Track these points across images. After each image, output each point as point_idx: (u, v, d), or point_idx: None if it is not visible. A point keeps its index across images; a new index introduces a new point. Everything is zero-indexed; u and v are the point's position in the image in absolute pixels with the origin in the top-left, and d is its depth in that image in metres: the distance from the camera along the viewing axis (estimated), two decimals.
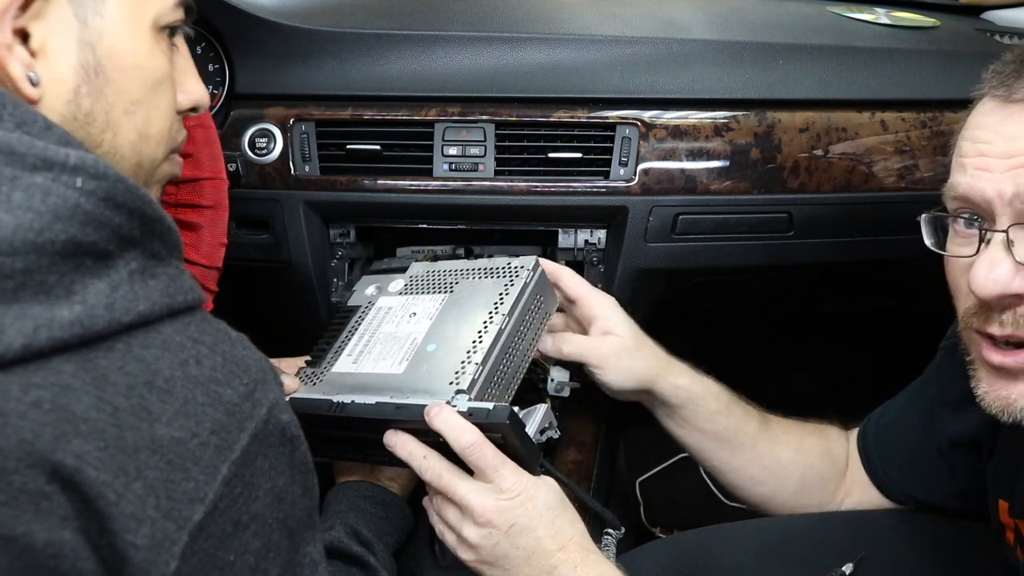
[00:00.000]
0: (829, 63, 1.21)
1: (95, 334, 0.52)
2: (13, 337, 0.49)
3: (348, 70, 1.18)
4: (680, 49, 1.20)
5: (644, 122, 1.15)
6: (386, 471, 0.94)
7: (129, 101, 0.65)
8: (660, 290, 1.21)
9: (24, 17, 0.59)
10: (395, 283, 1.03)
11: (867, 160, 1.17)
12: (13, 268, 0.50)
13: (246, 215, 1.15)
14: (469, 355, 0.85)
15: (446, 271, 0.99)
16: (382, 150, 1.15)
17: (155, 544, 0.52)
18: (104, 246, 0.54)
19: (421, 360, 0.88)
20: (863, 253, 1.22)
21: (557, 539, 0.79)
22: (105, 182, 0.54)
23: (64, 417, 0.50)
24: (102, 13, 0.62)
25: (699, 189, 1.15)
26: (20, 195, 0.51)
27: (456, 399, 0.81)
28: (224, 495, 0.55)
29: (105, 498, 0.51)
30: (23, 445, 0.49)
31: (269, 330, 1.04)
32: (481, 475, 0.79)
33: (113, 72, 0.63)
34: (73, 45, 0.61)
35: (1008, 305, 0.69)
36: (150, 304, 0.55)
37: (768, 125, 1.17)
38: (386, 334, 0.95)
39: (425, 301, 0.96)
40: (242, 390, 0.58)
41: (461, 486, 0.79)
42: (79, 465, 0.50)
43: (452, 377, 0.83)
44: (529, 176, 1.15)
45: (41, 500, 0.49)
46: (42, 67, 0.60)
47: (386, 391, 0.86)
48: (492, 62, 1.19)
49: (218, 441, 0.55)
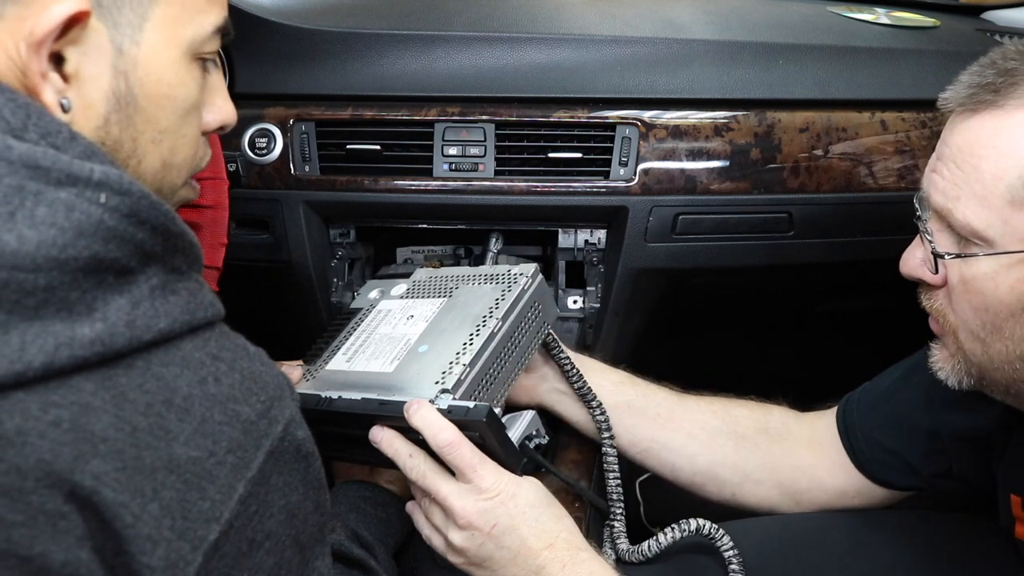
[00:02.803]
0: (829, 63, 1.21)
1: (115, 352, 0.52)
2: (34, 355, 0.49)
3: (348, 70, 1.18)
4: (680, 49, 1.20)
5: (644, 122, 1.15)
6: (385, 473, 0.94)
7: (157, 130, 0.64)
8: (660, 290, 1.21)
9: (61, 41, 0.58)
10: (398, 287, 1.04)
11: (867, 160, 1.17)
12: (36, 285, 0.50)
13: (246, 215, 1.15)
14: (458, 356, 0.85)
15: (448, 277, 1.00)
16: (382, 150, 1.15)
17: (170, 565, 0.52)
18: (126, 262, 0.54)
19: (412, 360, 0.88)
20: (863, 253, 1.22)
21: (543, 537, 0.78)
22: (129, 198, 0.54)
23: (83, 437, 0.50)
24: (138, 41, 0.61)
25: (699, 189, 1.15)
26: (44, 210, 0.51)
27: (440, 398, 0.81)
28: (239, 514, 0.55)
29: (122, 519, 0.51)
30: (42, 465, 0.49)
31: (269, 330, 1.04)
32: (460, 475, 0.78)
33: (144, 101, 0.62)
34: (107, 72, 0.60)
35: (924, 287, 0.80)
36: (170, 321, 0.55)
37: (768, 125, 1.17)
38: (382, 335, 0.95)
39: (424, 305, 0.97)
40: (259, 407, 0.58)
41: (443, 487, 0.79)
42: (97, 486, 0.50)
43: (439, 376, 0.84)
44: (529, 176, 1.15)
45: (59, 520, 0.49)
46: (74, 93, 0.59)
47: (374, 388, 0.87)
48: (492, 62, 1.19)
49: (235, 460, 0.55)
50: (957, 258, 0.74)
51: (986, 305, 0.73)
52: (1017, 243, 0.70)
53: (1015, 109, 0.71)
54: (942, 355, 0.81)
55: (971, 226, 0.72)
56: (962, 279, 0.74)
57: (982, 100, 0.73)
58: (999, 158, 0.71)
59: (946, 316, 0.78)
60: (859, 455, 0.99)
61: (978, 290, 0.73)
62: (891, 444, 0.98)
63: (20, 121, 0.54)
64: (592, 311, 1.20)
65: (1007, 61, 0.73)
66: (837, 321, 1.54)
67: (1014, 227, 0.70)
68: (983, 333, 0.74)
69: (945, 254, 0.75)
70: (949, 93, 0.76)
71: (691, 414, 1.01)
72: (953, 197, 0.73)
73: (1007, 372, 0.75)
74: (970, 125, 0.73)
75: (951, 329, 0.78)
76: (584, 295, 1.21)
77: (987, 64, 0.74)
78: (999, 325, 0.73)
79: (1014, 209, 0.70)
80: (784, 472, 1.01)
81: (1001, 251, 0.71)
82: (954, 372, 0.80)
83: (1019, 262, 0.70)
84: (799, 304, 1.46)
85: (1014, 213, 0.70)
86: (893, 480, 0.98)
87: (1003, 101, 0.71)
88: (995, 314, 0.73)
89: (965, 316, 0.75)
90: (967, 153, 0.73)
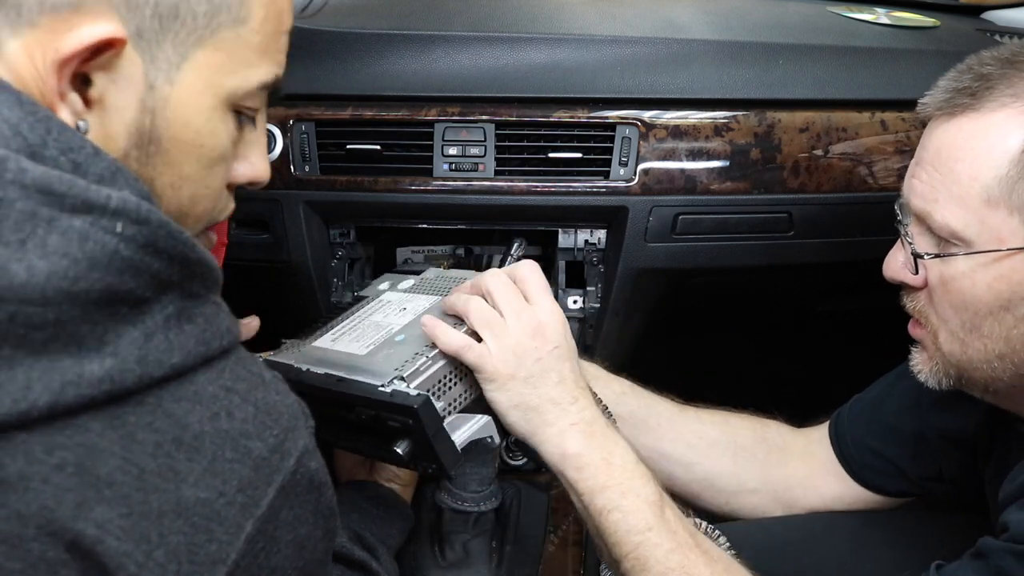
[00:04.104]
0: (829, 63, 1.21)
1: (125, 390, 0.50)
2: (39, 394, 0.47)
3: (348, 70, 1.18)
4: (680, 49, 1.20)
5: (644, 122, 1.15)
6: (384, 471, 0.95)
7: (178, 176, 0.60)
8: (660, 290, 1.21)
9: (90, 64, 0.55)
10: (406, 282, 1.06)
11: (867, 160, 1.17)
12: (44, 319, 0.47)
13: (246, 215, 1.15)
14: (425, 349, 0.87)
15: (451, 278, 1.02)
16: (382, 150, 1.15)
17: None
18: (141, 292, 0.51)
19: (386, 347, 0.90)
20: (863, 253, 1.22)
21: (579, 383, 0.85)
22: (147, 227, 0.51)
23: (88, 481, 0.48)
24: (173, 80, 0.57)
25: (699, 189, 1.15)
26: (56, 239, 0.48)
27: (393, 383, 0.82)
28: (246, 553, 0.53)
29: (126, 569, 0.48)
30: (44, 512, 0.47)
31: (269, 330, 1.04)
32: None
33: (168, 143, 0.59)
34: (134, 105, 0.57)
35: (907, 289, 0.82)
36: (184, 354, 0.52)
37: (768, 125, 1.17)
38: (372, 322, 0.97)
39: (419, 300, 0.99)
40: (271, 442, 0.55)
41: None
42: (100, 535, 0.48)
43: (400, 364, 0.85)
44: (529, 176, 1.15)
45: (59, 569, 0.47)
46: (95, 120, 0.56)
47: (341, 367, 0.88)
48: (492, 62, 1.19)
49: (244, 499, 0.53)
50: (936, 258, 0.76)
51: (965, 304, 0.75)
52: (994, 242, 0.72)
53: (991, 112, 0.72)
54: (922, 358, 0.82)
55: (949, 227, 0.74)
56: (942, 279, 0.76)
57: (959, 104, 0.74)
58: (975, 159, 0.72)
59: (928, 317, 0.80)
60: (851, 462, 1.01)
61: (957, 289, 0.75)
62: (880, 448, 0.99)
63: (39, 137, 0.52)
64: (592, 311, 1.20)
65: (983, 66, 0.74)
66: (837, 321, 1.54)
67: (990, 226, 0.72)
68: (962, 332, 0.76)
69: (925, 254, 0.77)
70: (927, 99, 0.78)
71: (690, 425, 1.02)
72: (931, 200, 0.75)
73: (985, 371, 0.77)
74: (947, 128, 0.75)
75: (932, 330, 0.79)
76: (584, 295, 1.21)
77: (964, 70, 0.76)
78: (978, 324, 0.75)
79: (990, 208, 0.72)
80: (779, 481, 1.02)
81: (978, 250, 0.73)
82: (933, 374, 0.81)
83: (996, 260, 0.72)
84: (799, 304, 1.46)
85: (990, 212, 0.72)
86: (884, 485, 0.99)
87: (979, 104, 0.73)
88: (974, 313, 0.75)
89: (946, 316, 0.77)
90: (945, 156, 0.75)
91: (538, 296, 0.85)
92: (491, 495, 1.00)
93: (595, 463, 0.81)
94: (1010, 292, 0.72)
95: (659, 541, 0.78)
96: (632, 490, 0.80)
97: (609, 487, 0.80)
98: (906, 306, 0.82)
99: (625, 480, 0.80)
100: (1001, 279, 0.72)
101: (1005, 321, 0.73)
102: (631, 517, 0.79)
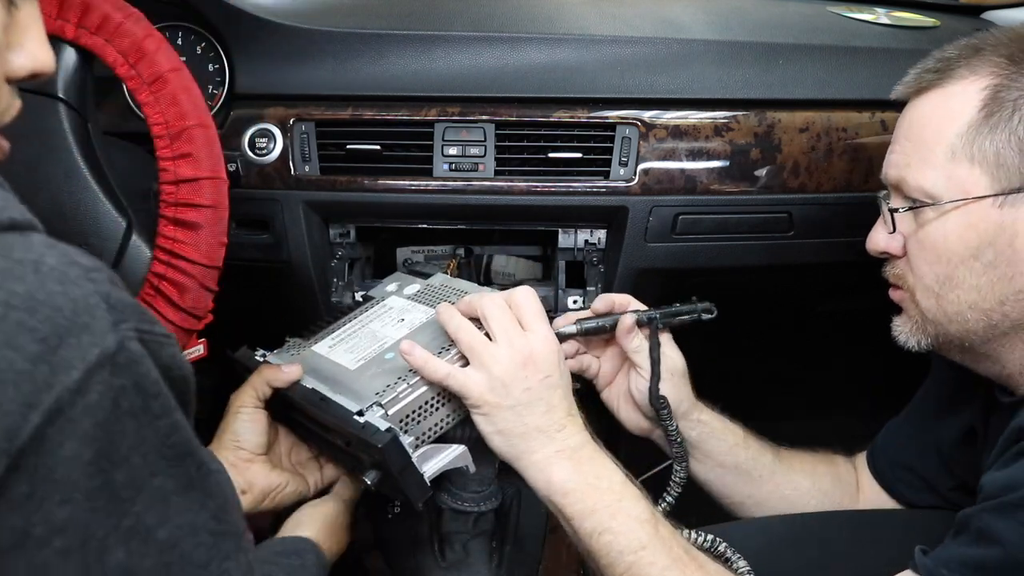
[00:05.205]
0: (829, 63, 1.21)
1: None
2: None
3: (348, 70, 1.18)
4: (680, 49, 1.20)
5: (644, 122, 1.15)
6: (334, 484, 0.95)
7: None
8: (660, 290, 1.21)
9: None
10: (412, 287, 1.05)
11: (867, 160, 1.17)
12: None
13: (246, 215, 1.15)
14: (409, 374, 0.86)
15: (455, 290, 1.01)
16: (382, 150, 1.15)
17: None
18: None
19: (374, 364, 0.90)
20: (863, 253, 1.22)
21: (570, 411, 0.86)
22: None
23: None
24: None
25: (699, 189, 1.15)
26: None
27: (371, 409, 0.82)
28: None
29: None
30: None
31: (269, 330, 1.04)
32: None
33: None
34: None
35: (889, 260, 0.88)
36: None
37: (768, 125, 1.17)
38: (370, 330, 0.97)
39: (418, 311, 0.98)
40: (33, 350, 0.43)
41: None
42: None
43: (382, 388, 0.85)
44: (529, 176, 1.15)
45: None
46: None
47: (329, 382, 0.89)
48: (492, 62, 1.19)
49: None
50: (910, 211, 0.82)
51: (939, 256, 0.81)
52: (960, 193, 0.79)
53: (954, 83, 0.81)
54: (901, 320, 0.88)
55: (921, 187, 0.81)
56: (916, 238, 0.83)
57: (925, 81, 0.83)
58: (940, 123, 0.80)
59: (905, 279, 0.85)
60: (882, 475, 1.04)
61: (931, 243, 0.81)
62: (907, 461, 1.02)
63: None
64: None
65: (945, 52, 0.83)
66: (837, 321, 1.54)
67: (956, 180, 0.79)
68: (937, 286, 0.82)
69: (899, 208, 0.83)
70: (899, 86, 0.86)
71: (786, 476, 1.03)
72: (904, 166, 0.83)
73: (960, 325, 0.81)
74: (916, 104, 0.84)
75: (909, 290, 0.85)
76: (584, 295, 1.21)
77: (929, 58, 0.85)
78: (951, 274, 0.80)
79: (955, 164, 0.79)
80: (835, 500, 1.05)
81: (947, 201, 0.79)
82: (912, 333, 0.86)
83: (963, 209, 0.79)
84: (799, 304, 1.46)
85: (955, 167, 0.79)
86: (914, 498, 1.02)
87: (943, 80, 0.82)
88: (947, 263, 0.80)
89: (921, 272, 0.83)
90: (916, 127, 0.83)
91: (533, 323, 0.86)
92: (491, 495, 1.00)
93: (581, 488, 0.81)
94: (978, 240, 0.78)
95: (653, 559, 0.78)
96: (622, 511, 0.80)
97: (597, 510, 0.80)
98: (887, 275, 0.88)
99: (613, 502, 0.81)
100: (969, 228, 0.78)
101: (975, 269, 0.79)
102: (622, 538, 0.79)
